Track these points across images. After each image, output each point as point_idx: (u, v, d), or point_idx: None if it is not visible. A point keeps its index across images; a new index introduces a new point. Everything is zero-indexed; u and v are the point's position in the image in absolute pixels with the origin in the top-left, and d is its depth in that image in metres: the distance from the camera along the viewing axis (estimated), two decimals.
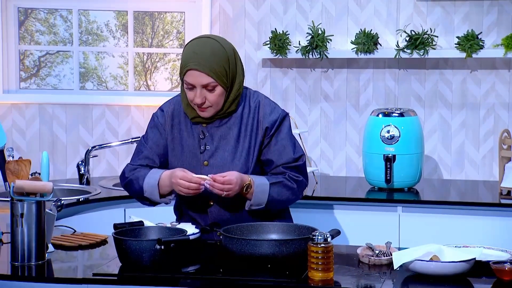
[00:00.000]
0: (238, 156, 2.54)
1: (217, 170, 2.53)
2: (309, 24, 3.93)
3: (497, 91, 3.82)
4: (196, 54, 2.48)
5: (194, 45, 2.52)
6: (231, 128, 2.56)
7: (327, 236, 2.16)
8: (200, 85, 2.47)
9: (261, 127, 2.56)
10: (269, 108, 2.57)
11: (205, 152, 2.56)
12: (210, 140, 2.56)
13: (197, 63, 2.46)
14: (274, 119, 2.56)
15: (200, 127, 2.57)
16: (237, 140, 2.55)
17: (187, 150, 2.58)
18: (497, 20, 3.78)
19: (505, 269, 2.12)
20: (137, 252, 2.22)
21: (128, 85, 4.16)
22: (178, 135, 2.58)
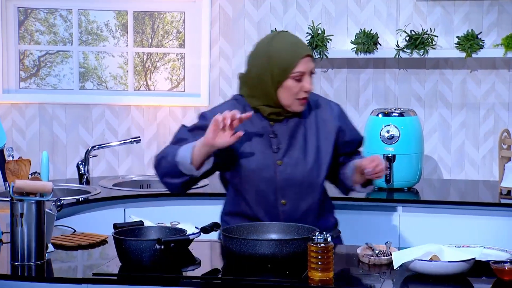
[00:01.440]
0: (309, 153, 2.54)
1: (291, 168, 2.52)
2: (309, 24, 3.93)
3: (497, 91, 3.82)
4: (295, 43, 2.50)
5: (285, 38, 2.51)
6: (298, 126, 2.56)
7: (327, 236, 2.16)
8: (309, 71, 2.49)
9: (331, 124, 2.57)
10: (328, 106, 2.61)
11: (279, 152, 2.53)
12: (282, 139, 2.54)
13: (305, 49, 2.49)
14: (337, 114, 2.60)
15: (269, 126, 2.55)
16: (305, 138, 2.55)
17: (257, 150, 2.53)
18: (497, 20, 3.78)
19: (505, 269, 2.12)
20: (137, 252, 2.22)
21: (128, 85, 4.16)
22: (244, 138, 2.51)
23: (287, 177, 2.52)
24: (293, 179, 2.52)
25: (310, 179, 2.52)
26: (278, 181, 2.52)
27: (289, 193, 2.52)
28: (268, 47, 2.50)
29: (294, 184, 2.52)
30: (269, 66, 2.48)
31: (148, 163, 4.16)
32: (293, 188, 2.53)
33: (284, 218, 2.54)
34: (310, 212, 2.55)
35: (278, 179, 2.52)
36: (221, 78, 4.11)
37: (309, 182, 2.52)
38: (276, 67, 2.47)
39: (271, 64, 2.47)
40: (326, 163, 2.55)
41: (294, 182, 2.52)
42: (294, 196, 2.53)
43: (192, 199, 3.56)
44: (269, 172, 2.51)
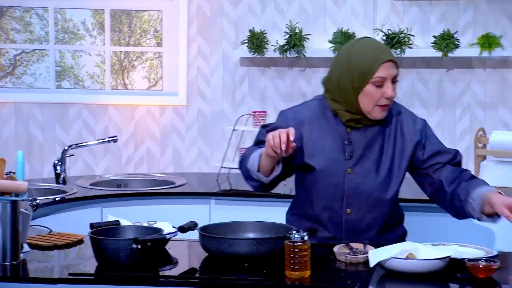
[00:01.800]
0: (383, 166, 2.47)
1: (361, 178, 2.46)
2: (286, 23, 3.94)
3: (473, 90, 3.86)
4: (380, 48, 2.43)
5: (368, 43, 2.46)
6: (376, 136, 2.48)
7: (304, 234, 2.16)
8: (391, 78, 2.41)
9: (408, 139, 2.49)
10: (411, 119, 2.52)
11: (351, 159, 2.47)
12: (356, 147, 2.47)
13: (387, 54, 2.42)
14: (420, 128, 2.50)
15: (345, 132, 2.48)
16: (381, 150, 2.48)
17: (330, 155, 2.48)
18: (473, 19, 3.81)
19: (479, 267, 2.14)
20: (113, 251, 2.21)
21: (105, 84, 4.14)
22: (319, 140, 2.49)
23: (355, 186, 2.46)
24: (361, 190, 2.46)
25: (378, 193, 2.46)
26: (346, 189, 2.47)
27: (355, 203, 2.47)
28: (349, 52, 2.45)
29: (361, 195, 2.47)
30: (349, 71, 2.43)
31: (125, 162, 4.15)
32: (360, 199, 2.47)
33: (347, 227, 2.50)
34: (375, 225, 2.49)
35: (346, 187, 2.47)
36: (199, 77, 4.10)
37: (377, 196, 2.46)
38: (357, 72, 2.41)
39: (351, 69, 2.42)
40: (398, 179, 2.48)
41: (361, 193, 2.47)
42: (360, 207, 2.47)
43: (170, 198, 3.55)
44: (337, 179, 2.47)
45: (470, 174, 2.48)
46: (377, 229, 2.50)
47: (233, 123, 3.92)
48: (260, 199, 3.51)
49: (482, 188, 2.39)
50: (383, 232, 2.51)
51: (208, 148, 4.12)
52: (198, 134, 4.12)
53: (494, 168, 3.46)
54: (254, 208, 3.49)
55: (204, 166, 4.12)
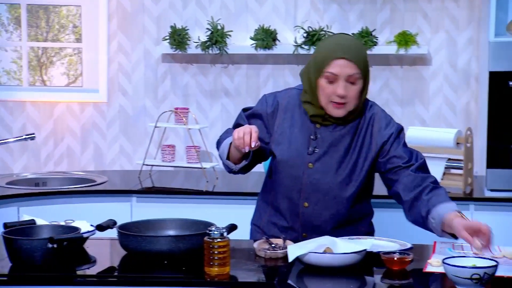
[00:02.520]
0: (344, 167, 2.45)
1: (320, 175, 2.45)
2: (208, 19, 3.93)
3: (391, 87, 3.94)
4: (340, 44, 2.40)
5: (335, 38, 2.45)
6: (344, 136, 2.46)
7: (223, 231, 2.17)
8: (344, 76, 2.37)
9: (375, 142, 2.46)
10: (384, 122, 2.48)
11: (313, 154, 2.46)
12: (320, 143, 2.46)
13: (344, 51, 2.37)
14: (390, 132, 2.46)
15: (314, 127, 2.47)
16: (346, 151, 2.46)
17: (294, 147, 2.48)
18: (390, 17, 3.90)
19: (394, 259, 2.19)
20: (28, 251, 2.16)
21: (22, 80, 4.04)
22: (287, 131, 2.48)
23: (313, 182, 2.46)
24: (319, 186, 2.46)
25: (337, 192, 2.45)
26: (304, 183, 2.47)
27: (312, 198, 2.47)
28: (320, 43, 2.49)
29: (319, 191, 2.47)
30: (312, 62, 2.45)
31: (45, 160, 4.06)
32: (318, 195, 2.47)
33: (304, 220, 2.50)
34: (331, 221, 2.49)
35: (305, 181, 2.47)
36: (120, 74, 4.05)
37: (335, 194, 2.46)
38: (315, 65, 2.43)
39: (313, 60, 2.44)
40: (359, 180, 2.46)
41: (319, 189, 2.47)
42: (317, 202, 2.47)
43: (90, 196, 3.50)
44: (297, 171, 2.47)
45: (431, 184, 2.41)
46: (333, 225, 2.50)
47: (155, 120, 3.89)
48: (182, 196, 3.49)
49: (443, 208, 2.32)
50: (340, 228, 2.51)
51: (130, 145, 4.07)
52: (120, 131, 4.07)
53: None
54: (176, 205, 3.47)
55: (126, 163, 4.07)
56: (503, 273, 2.11)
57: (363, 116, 2.49)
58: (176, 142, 4.03)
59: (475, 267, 2.00)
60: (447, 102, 3.91)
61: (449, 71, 3.90)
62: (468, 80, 3.89)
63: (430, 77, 3.92)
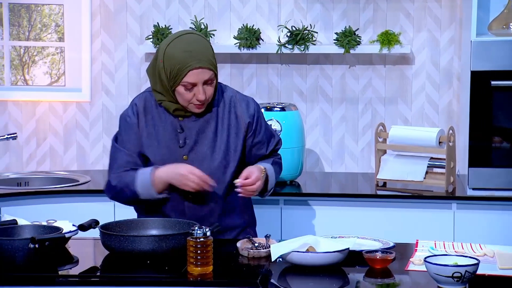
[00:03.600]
0: (217, 150, 2.52)
1: (197, 164, 2.49)
2: (191, 18, 3.93)
3: (374, 86, 3.96)
4: (191, 52, 2.44)
5: (182, 44, 2.47)
6: (208, 122, 2.54)
7: (206, 230, 2.16)
8: (202, 81, 2.45)
9: (242, 121, 2.55)
10: (244, 102, 2.58)
11: (185, 147, 2.52)
12: (189, 134, 2.52)
13: (197, 60, 2.43)
14: (252, 112, 2.57)
15: (177, 121, 2.53)
16: (215, 134, 2.53)
17: (164, 145, 2.52)
18: (373, 17, 3.91)
19: (376, 258, 2.20)
20: (9, 251, 2.15)
21: (4, 79, 4.01)
22: (153, 131, 2.52)
23: None
24: None
25: (216, 176, 2.51)
26: None
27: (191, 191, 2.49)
28: (164, 51, 2.48)
29: None
30: (164, 69, 2.48)
31: (27, 160, 4.03)
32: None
33: (190, 215, 2.53)
34: (216, 209, 2.54)
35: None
36: (103, 73, 4.03)
37: (215, 178, 2.50)
38: (168, 73, 2.47)
39: (165, 67, 2.47)
40: (235, 160, 2.54)
41: None
42: (199, 193, 2.50)
43: (73, 196, 3.48)
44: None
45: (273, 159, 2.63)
46: (219, 212, 2.55)
47: None
48: None
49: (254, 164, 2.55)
50: (226, 216, 2.57)
51: None
52: (103, 130, 4.05)
53: (393, 162, 3.56)
54: None
55: None
56: (484, 271, 2.13)
57: (221, 98, 2.57)
58: None
59: (456, 265, 2.01)
60: (429, 101, 3.93)
61: (432, 70, 3.92)
62: (450, 79, 3.91)
63: (413, 76, 3.93)
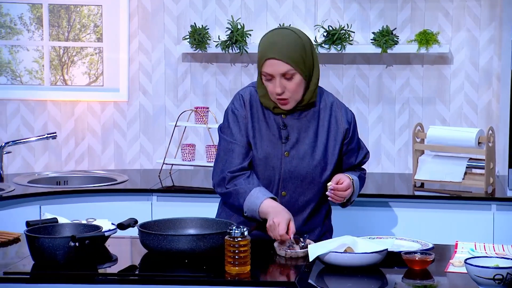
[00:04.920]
0: (317, 150, 2.55)
1: (297, 161, 2.53)
2: (228, 19, 3.94)
3: (411, 85, 3.92)
4: (273, 43, 2.47)
5: (270, 36, 2.52)
6: (310, 121, 2.56)
7: (244, 230, 2.17)
8: (279, 74, 2.46)
9: (342, 126, 2.57)
10: (343, 109, 2.61)
11: (287, 143, 2.54)
12: (291, 131, 2.55)
13: (274, 51, 2.45)
14: (350, 120, 2.60)
15: (280, 118, 2.55)
16: (315, 134, 2.56)
17: (267, 139, 2.55)
18: (411, 16, 3.88)
19: (415, 259, 2.18)
20: (50, 249, 2.18)
21: (44, 79, 4.07)
22: (257, 125, 2.56)
23: (291, 169, 2.53)
24: (297, 173, 2.53)
25: (313, 175, 2.54)
26: (283, 172, 2.54)
27: (290, 186, 2.54)
28: (260, 41, 2.54)
29: (297, 177, 2.54)
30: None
31: (65, 159, 4.09)
32: (295, 181, 2.54)
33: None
34: (307, 207, 2.57)
35: (283, 170, 2.54)
36: (140, 73, 4.07)
37: (312, 178, 2.54)
38: (257, 63, 2.53)
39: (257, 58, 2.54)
40: (332, 163, 2.56)
41: (297, 175, 2.54)
42: (294, 190, 2.55)
43: (111, 195, 3.51)
44: (275, 162, 2.53)
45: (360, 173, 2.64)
46: (309, 212, 2.57)
47: (175, 119, 3.90)
48: (202, 195, 3.50)
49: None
50: (314, 216, 2.59)
51: (150, 144, 4.09)
52: (140, 130, 4.09)
53: (431, 163, 3.53)
54: (196, 204, 3.48)
55: (146, 162, 4.09)
56: None
57: (323, 100, 2.59)
58: (196, 141, 4.03)
59: (497, 267, 1.99)
60: (468, 101, 3.88)
61: (471, 70, 3.87)
62: (489, 79, 3.86)
63: (451, 76, 3.89)
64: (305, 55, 2.50)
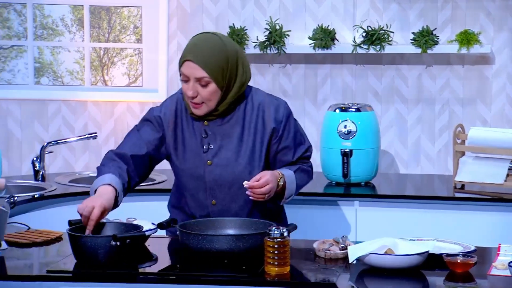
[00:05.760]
0: (242, 154, 2.52)
1: (221, 169, 2.51)
2: (266, 19, 3.94)
3: (452, 86, 3.88)
4: (195, 46, 2.47)
5: (197, 38, 2.52)
6: (233, 126, 2.52)
7: (283, 231, 2.17)
8: (194, 78, 2.44)
9: (269, 126, 2.53)
10: (273, 107, 2.54)
11: (209, 152, 2.52)
12: (213, 139, 2.52)
13: (194, 55, 2.43)
14: (280, 118, 2.53)
15: (202, 125, 2.53)
16: (240, 139, 2.52)
17: (189, 149, 2.54)
18: (451, 16, 3.83)
19: (457, 262, 2.16)
20: (92, 248, 2.20)
21: (84, 80, 4.12)
22: (180, 134, 2.54)
23: (216, 178, 2.52)
24: (222, 180, 2.52)
25: (241, 182, 2.48)
26: (208, 181, 2.53)
27: (218, 194, 2.53)
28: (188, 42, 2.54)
29: (223, 185, 2.53)
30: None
31: None
32: (223, 189, 2.53)
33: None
34: (242, 213, 2.55)
35: (207, 179, 2.53)
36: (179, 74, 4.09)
37: (239, 184, 2.49)
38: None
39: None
40: (260, 166, 2.53)
41: (223, 183, 2.52)
42: (224, 197, 2.53)
43: (150, 195, 3.54)
44: (198, 172, 2.52)
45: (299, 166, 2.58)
46: (245, 217, 2.53)
47: None
48: None
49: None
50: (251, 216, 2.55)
51: None
52: None
53: (472, 164, 3.48)
54: None
55: None
56: None
57: (249, 102, 2.53)
58: None
59: None
60: (510, 102, 3.83)
61: None
62: None
63: (492, 76, 3.84)
64: (226, 66, 2.45)
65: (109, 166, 2.48)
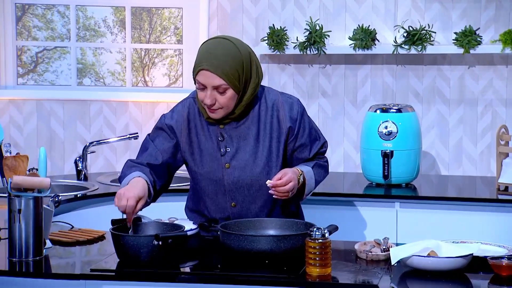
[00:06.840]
0: (260, 155, 2.52)
1: (239, 171, 2.51)
2: (307, 20, 3.93)
3: (495, 87, 3.83)
4: (210, 54, 2.43)
5: (210, 44, 2.48)
6: (249, 127, 2.52)
7: (324, 231, 2.16)
8: (211, 86, 2.42)
9: (284, 125, 2.53)
10: (287, 106, 2.54)
11: (226, 154, 2.52)
12: (229, 142, 2.52)
13: (210, 63, 2.41)
14: (295, 116, 2.53)
15: (218, 128, 2.53)
16: (256, 140, 2.52)
17: (206, 153, 2.54)
18: (495, 15, 3.78)
19: (502, 265, 2.12)
20: (134, 248, 2.22)
21: (125, 81, 4.16)
22: (195, 139, 2.54)
23: (234, 180, 2.52)
24: (241, 182, 2.52)
25: (260, 182, 2.49)
26: (227, 184, 2.53)
27: (238, 196, 2.53)
28: (199, 48, 2.51)
29: (242, 187, 2.52)
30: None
31: None
32: (242, 191, 2.53)
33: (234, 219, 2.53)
34: (262, 214, 2.55)
35: (226, 182, 2.52)
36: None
37: (258, 185, 2.50)
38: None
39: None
40: (278, 165, 2.52)
41: (242, 185, 2.52)
42: (243, 199, 2.53)
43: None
44: (217, 175, 2.52)
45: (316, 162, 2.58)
46: (265, 216, 2.53)
47: None
48: None
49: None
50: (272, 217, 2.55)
51: None
52: None
53: None
54: None
55: None
56: None
57: (263, 102, 2.52)
58: None
59: None
60: None
61: None
62: None
63: None
64: (241, 70, 2.44)
65: (131, 170, 2.50)
